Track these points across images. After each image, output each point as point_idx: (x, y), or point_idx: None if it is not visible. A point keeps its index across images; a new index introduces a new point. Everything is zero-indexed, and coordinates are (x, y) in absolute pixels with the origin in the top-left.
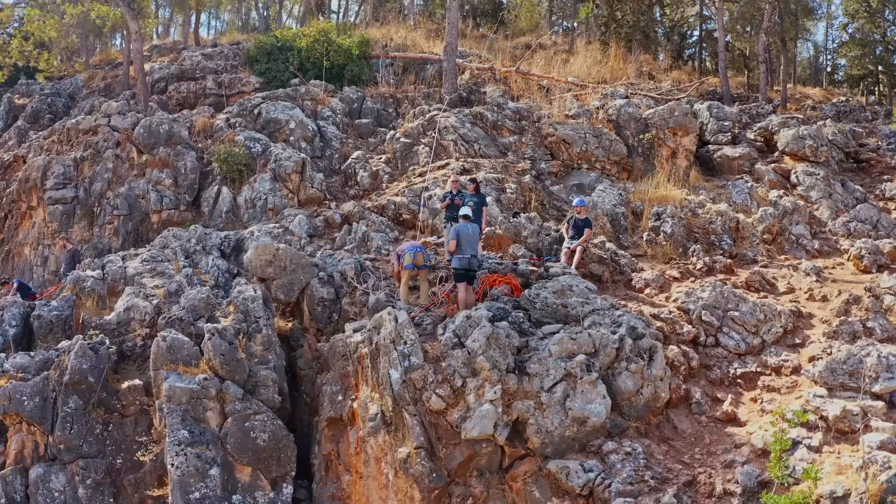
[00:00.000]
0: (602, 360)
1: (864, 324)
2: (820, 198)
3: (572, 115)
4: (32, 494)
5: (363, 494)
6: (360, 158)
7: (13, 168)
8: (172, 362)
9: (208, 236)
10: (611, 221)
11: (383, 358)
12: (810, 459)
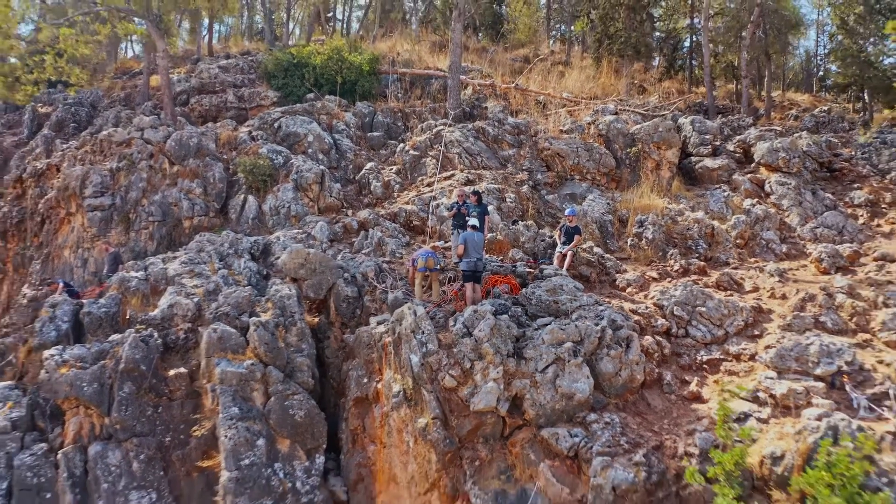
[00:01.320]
0: (587, 347)
1: (816, 318)
2: (791, 205)
3: (566, 129)
4: (91, 469)
5: (386, 461)
6: (373, 169)
7: (46, 176)
8: (222, 350)
9: (239, 241)
10: (599, 228)
11: (405, 345)
12: (759, 428)
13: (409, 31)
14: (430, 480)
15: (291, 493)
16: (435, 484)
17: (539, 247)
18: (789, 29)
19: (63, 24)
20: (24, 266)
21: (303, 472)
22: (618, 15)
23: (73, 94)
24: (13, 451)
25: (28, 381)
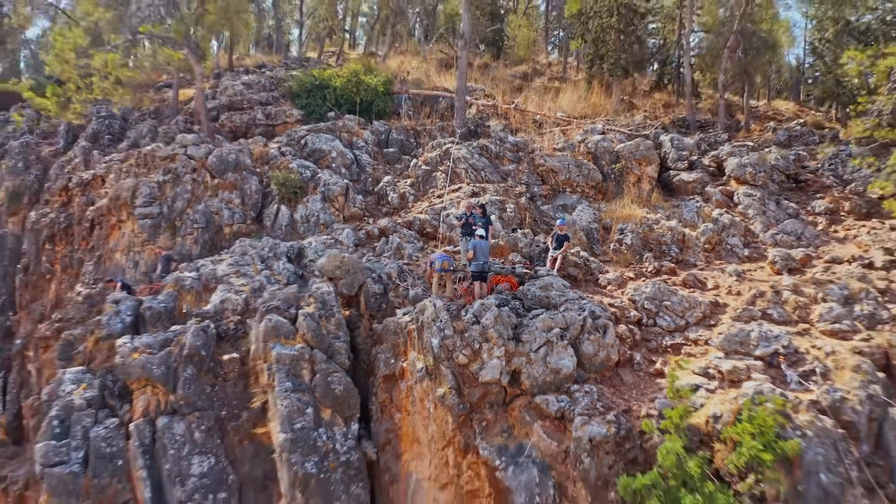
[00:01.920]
0: (571, 333)
1: (764, 311)
2: (755, 214)
3: (559, 147)
4: (159, 438)
5: (410, 426)
6: (390, 182)
7: (92, 186)
8: (276, 336)
9: (277, 245)
10: (586, 235)
11: (426, 331)
12: (707, 397)
13: (415, 42)
14: (447, 438)
15: (332, 452)
16: (451, 441)
17: (535, 251)
18: (767, 49)
19: (110, 51)
20: (72, 267)
21: (341, 436)
22: (608, 37)
23: (117, 111)
24: (88, 426)
25: (96, 366)
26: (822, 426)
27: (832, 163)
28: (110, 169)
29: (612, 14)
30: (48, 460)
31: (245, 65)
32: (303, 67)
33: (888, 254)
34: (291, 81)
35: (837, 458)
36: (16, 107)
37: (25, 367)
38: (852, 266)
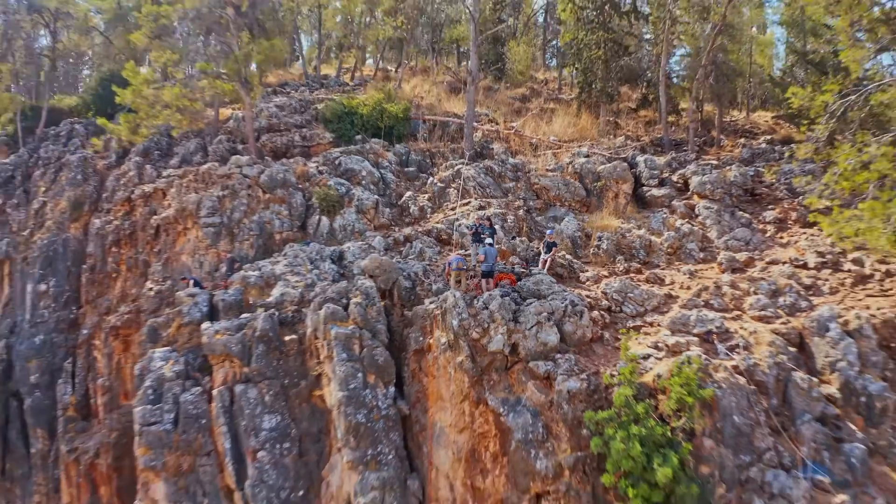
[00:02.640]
0: (556, 316)
1: (706, 301)
2: (712, 224)
3: (551, 168)
4: (237, 401)
5: (435, 387)
6: (411, 197)
7: (153, 197)
8: (333, 320)
9: (322, 250)
10: (571, 241)
11: (448, 315)
12: (653, 363)
13: (422, 58)
14: (464, 394)
15: (376, 408)
16: (466, 396)
17: (530, 255)
18: (737, 76)
19: (174, 85)
20: (137, 267)
21: (382, 396)
22: (596, 68)
23: (176, 133)
24: (178, 393)
25: (178, 346)
26: (735, 382)
27: (787, 177)
28: (171, 184)
29: (600, 47)
30: (146, 420)
31: (269, 83)
32: (322, 86)
33: (820, 256)
34: (323, 108)
35: (748, 406)
36: (66, 122)
37: (91, 353)
38: (785, 266)
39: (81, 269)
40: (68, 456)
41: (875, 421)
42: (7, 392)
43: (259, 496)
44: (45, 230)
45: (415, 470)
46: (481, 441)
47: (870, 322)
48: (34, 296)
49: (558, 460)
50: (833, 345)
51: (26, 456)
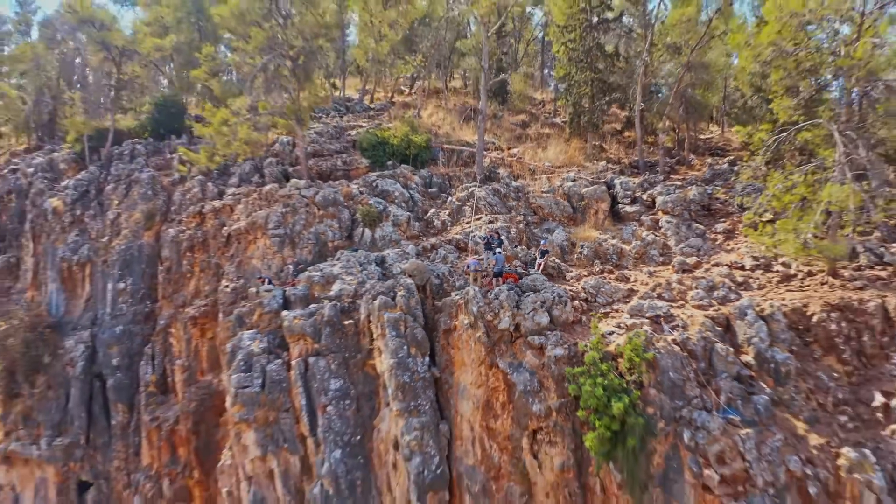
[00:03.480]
0: (547, 304)
1: (659, 294)
2: (672, 234)
3: (545, 190)
4: (310, 369)
5: (459, 356)
6: (434, 213)
7: (222, 212)
8: (385, 308)
9: (368, 255)
10: (560, 249)
11: (469, 303)
12: (615, 337)
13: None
14: (481, 360)
15: (416, 372)
16: (483, 361)
17: (528, 259)
18: (703, 110)
19: (244, 123)
20: (209, 269)
21: (420, 364)
22: (584, 102)
23: (241, 159)
24: (264, 364)
25: (261, 329)
26: (672, 350)
27: (740, 194)
28: (238, 201)
29: (588, 84)
30: (240, 385)
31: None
32: (348, 111)
33: (755, 260)
34: (360, 139)
35: (681, 367)
36: (127, 143)
37: (168, 340)
38: (724, 268)
39: (156, 270)
40: (150, 424)
41: (781, 381)
42: (91, 374)
43: (328, 440)
44: (122, 237)
45: (444, 418)
46: (493, 394)
47: (780, 310)
48: (114, 293)
49: (548, 405)
50: (750, 326)
51: (107, 427)
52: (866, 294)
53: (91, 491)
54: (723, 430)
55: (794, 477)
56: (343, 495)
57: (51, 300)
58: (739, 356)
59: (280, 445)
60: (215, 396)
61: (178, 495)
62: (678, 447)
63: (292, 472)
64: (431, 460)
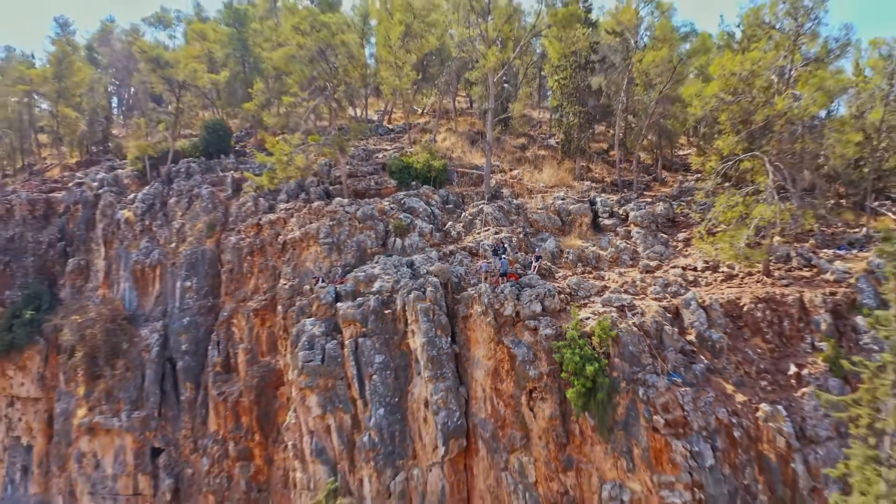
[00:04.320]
0: (540, 296)
1: (626, 290)
2: (640, 243)
3: (540, 207)
4: (359, 347)
5: (475, 336)
6: (452, 225)
7: (277, 223)
8: (418, 300)
9: (400, 260)
10: (551, 255)
11: (482, 296)
12: (590, 321)
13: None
14: (491, 338)
15: (441, 348)
16: (492, 339)
17: (526, 263)
18: (674, 136)
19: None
20: (267, 270)
21: (445, 342)
22: (573, 131)
23: (294, 180)
24: (324, 343)
25: (319, 317)
26: (632, 330)
27: (702, 208)
28: (290, 215)
29: (577, 117)
30: (305, 359)
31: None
32: (371, 132)
33: (706, 263)
34: (389, 163)
35: (638, 342)
36: (183, 162)
37: (230, 328)
38: (678, 270)
39: (218, 271)
40: (217, 397)
41: (716, 355)
42: (163, 358)
43: (374, 401)
44: (187, 244)
45: (463, 383)
46: (500, 363)
47: (718, 301)
48: (181, 290)
49: (541, 370)
50: (693, 313)
51: (177, 402)
52: (788, 290)
53: (162, 456)
54: (668, 388)
55: (722, 423)
56: (385, 443)
57: (124, 296)
58: (684, 336)
59: (336, 406)
60: (273, 374)
61: (241, 455)
62: (635, 400)
63: (345, 427)
64: (453, 414)
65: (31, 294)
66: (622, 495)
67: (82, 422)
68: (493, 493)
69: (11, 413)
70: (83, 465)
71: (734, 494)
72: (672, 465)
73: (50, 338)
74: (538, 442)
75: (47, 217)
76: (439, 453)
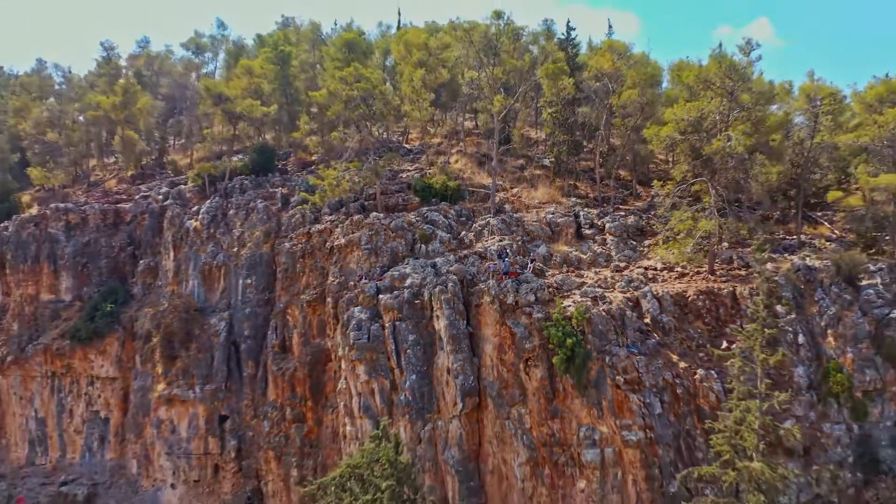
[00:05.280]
0: (534, 290)
1: (599, 284)
2: (613, 248)
3: (535, 220)
4: (396, 328)
5: (485, 319)
6: (465, 234)
7: (324, 232)
8: (443, 292)
9: (425, 262)
10: (543, 258)
11: (490, 289)
12: (571, 307)
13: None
14: (497, 321)
15: (460, 329)
16: (498, 322)
17: (523, 264)
18: (648, 159)
19: (344, 177)
20: (316, 270)
21: (462, 324)
22: (562, 156)
23: (336, 199)
24: (369, 325)
25: (364, 306)
26: (601, 314)
27: (662, 220)
28: (335, 225)
29: (566, 145)
30: (356, 338)
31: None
32: (393, 152)
33: (664, 264)
34: (414, 183)
35: (607, 323)
36: (237, 179)
37: (286, 317)
38: (640, 269)
39: (274, 271)
40: (276, 372)
41: (665, 333)
42: (229, 341)
43: (408, 368)
44: (247, 248)
45: (476, 355)
46: (504, 340)
47: (668, 293)
48: (243, 286)
49: (534, 344)
50: (648, 302)
51: (240, 378)
52: (724, 285)
53: (228, 421)
54: (627, 356)
55: (668, 383)
56: (417, 401)
57: (194, 291)
58: (641, 319)
59: (379, 373)
60: (322, 352)
61: (296, 418)
62: (603, 366)
63: (386, 389)
64: (468, 378)
65: (108, 290)
66: (594, 435)
67: (162, 394)
68: (499, 437)
69: (91, 391)
70: (161, 430)
71: (677, 436)
72: (630, 412)
73: (126, 326)
74: (532, 398)
75: (116, 225)
76: (458, 408)
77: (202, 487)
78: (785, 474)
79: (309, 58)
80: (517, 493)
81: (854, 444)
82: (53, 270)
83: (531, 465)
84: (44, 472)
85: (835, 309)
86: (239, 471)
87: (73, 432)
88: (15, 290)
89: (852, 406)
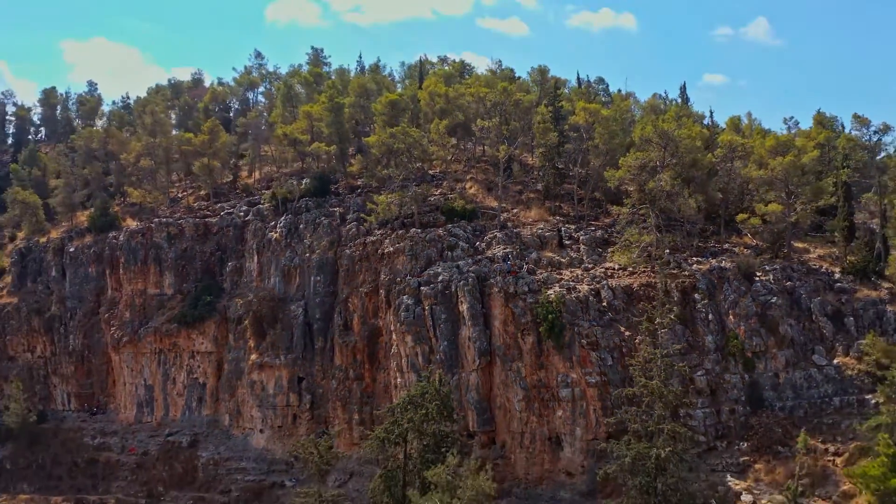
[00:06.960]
0: (528, 283)
1: (572, 279)
2: (585, 254)
3: (529, 234)
4: (433, 310)
5: (494, 304)
6: (479, 244)
7: (375, 242)
8: (465, 286)
9: (452, 264)
10: (534, 261)
11: (497, 283)
12: (552, 295)
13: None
14: (503, 304)
15: (477, 310)
16: (504, 305)
17: (521, 266)
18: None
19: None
20: (370, 270)
21: (478, 307)
22: (550, 184)
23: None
24: (414, 308)
25: (409, 295)
26: (573, 299)
27: (622, 233)
28: (385, 237)
29: (552, 175)
30: (406, 317)
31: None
32: (426, 183)
33: (620, 266)
34: (442, 206)
35: (576, 305)
36: (303, 200)
37: (347, 304)
38: (603, 269)
39: (337, 270)
40: (342, 344)
41: (617, 313)
42: (305, 322)
43: (441, 338)
44: (316, 254)
45: (488, 328)
46: (507, 317)
47: (620, 286)
48: (314, 282)
49: (527, 319)
50: (606, 292)
51: (313, 349)
52: (658, 279)
53: (304, 382)
54: (589, 327)
55: (616, 345)
56: (447, 360)
57: (275, 286)
58: (600, 303)
59: (421, 341)
60: (376, 329)
61: (356, 377)
62: (574, 333)
63: (425, 352)
64: (483, 344)
65: (205, 285)
66: (567, 380)
67: (256, 361)
68: (504, 383)
69: (192, 363)
70: (254, 388)
71: (623, 380)
72: (591, 364)
73: (221, 312)
74: (526, 356)
75: (206, 235)
76: (476, 364)
77: (284, 431)
78: (675, 391)
79: (349, 100)
80: (516, 421)
81: (745, 388)
82: (159, 270)
83: (526, 401)
84: (150, 427)
85: (734, 296)
86: (312, 418)
87: (176, 395)
88: (126, 286)
89: (744, 362)
